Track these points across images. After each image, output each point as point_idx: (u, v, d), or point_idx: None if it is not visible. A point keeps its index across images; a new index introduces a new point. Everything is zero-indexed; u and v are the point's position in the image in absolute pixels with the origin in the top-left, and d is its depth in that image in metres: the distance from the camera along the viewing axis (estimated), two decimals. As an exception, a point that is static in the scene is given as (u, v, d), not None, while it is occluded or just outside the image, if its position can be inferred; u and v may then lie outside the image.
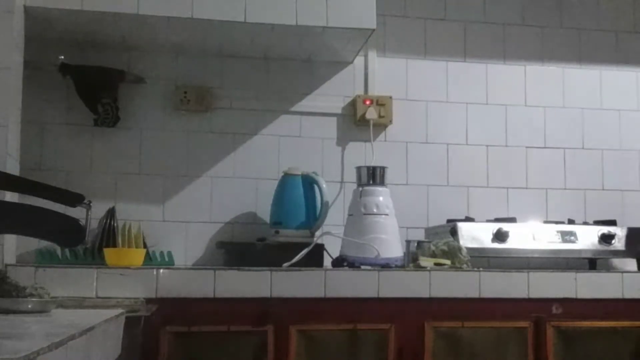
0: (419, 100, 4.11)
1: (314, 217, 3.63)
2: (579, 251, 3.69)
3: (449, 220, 3.78)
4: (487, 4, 4.26)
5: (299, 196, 3.63)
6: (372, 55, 4.07)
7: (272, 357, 2.97)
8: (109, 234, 3.60)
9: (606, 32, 4.38)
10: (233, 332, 2.93)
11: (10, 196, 2.74)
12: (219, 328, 2.94)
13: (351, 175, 3.72)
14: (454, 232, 3.56)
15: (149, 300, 2.87)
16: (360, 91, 4.05)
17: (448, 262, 3.31)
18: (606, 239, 3.67)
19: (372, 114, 3.95)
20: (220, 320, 2.93)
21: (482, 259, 3.64)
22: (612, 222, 3.83)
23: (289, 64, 4.00)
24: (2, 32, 3.10)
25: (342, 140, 4.02)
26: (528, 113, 4.26)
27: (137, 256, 3.36)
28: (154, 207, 3.81)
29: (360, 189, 3.58)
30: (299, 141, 3.97)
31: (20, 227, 2.40)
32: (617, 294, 3.26)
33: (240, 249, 3.65)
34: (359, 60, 4.05)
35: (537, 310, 3.19)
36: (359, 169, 3.64)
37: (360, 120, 3.99)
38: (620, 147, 4.32)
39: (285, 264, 3.19)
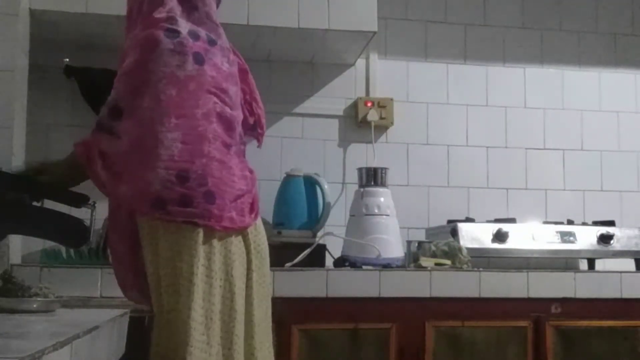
0: (419, 102, 4.12)
1: (315, 218, 3.64)
2: (578, 251, 3.69)
3: (449, 221, 3.80)
4: (487, 6, 4.28)
5: (301, 197, 3.64)
6: (374, 57, 4.09)
7: (275, 355, 2.99)
8: (113, 235, 3.62)
9: (605, 34, 4.40)
10: (235, 332, 2.95)
11: (16, 197, 2.77)
12: (221, 327, 2.96)
13: (353, 176, 3.75)
14: (454, 233, 3.57)
15: (152, 300, 2.89)
16: (361, 93, 4.07)
17: (448, 262, 3.33)
18: (605, 239, 3.67)
19: (373, 115, 3.97)
20: (222, 320, 2.95)
21: (482, 259, 3.65)
22: (611, 223, 3.84)
23: (292, 66, 4.02)
24: (8, 35, 3.12)
25: (344, 142, 4.03)
26: (527, 115, 4.27)
27: (141, 256, 3.38)
28: (157, 207, 3.83)
29: (362, 189, 3.59)
30: (301, 142, 3.98)
31: (26, 228, 2.42)
32: (615, 294, 3.28)
33: (242, 249, 3.67)
34: (360, 63, 4.07)
35: (536, 309, 3.21)
36: (360, 170, 3.66)
37: (362, 122, 4.00)
38: (619, 149, 4.34)
39: (288, 264, 3.21)
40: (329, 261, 3.54)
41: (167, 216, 2.13)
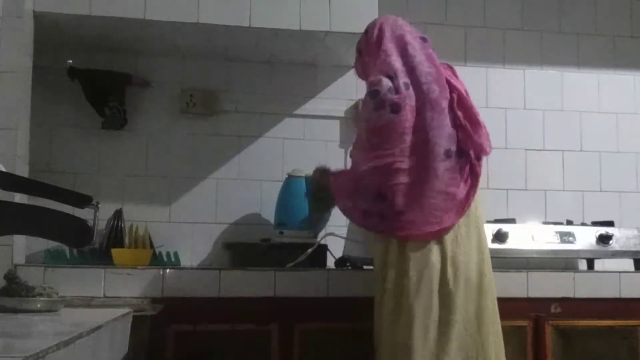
0: (420, 104, 4.14)
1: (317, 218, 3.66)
2: (577, 251, 3.69)
3: (450, 221, 3.79)
4: (487, 8, 4.30)
5: (302, 198, 3.65)
6: (375, 59, 4.09)
7: (276, 355, 3.01)
8: (116, 235, 3.64)
9: (604, 36, 4.41)
10: (238, 331, 2.96)
11: (20, 197, 2.77)
12: (224, 327, 2.97)
13: (354, 177, 3.76)
14: (454, 233, 3.57)
15: (155, 300, 2.91)
16: (362, 95, 4.04)
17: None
18: (604, 239, 3.67)
19: (374, 116, 3.98)
20: (225, 319, 2.97)
21: (482, 259, 3.67)
22: (610, 223, 3.84)
23: (293, 68, 4.04)
24: (12, 37, 3.14)
25: (345, 143, 4.04)
26: (527, 116, 4.29)
27: (144, 256, 3.40)
28: (160, 208, 3.85)
29: (363, 190, 3.63)
30: (302, 144, 4.00)
31: (30, 228, 2.43)
32: (614, 294, 3.29)
33: (245, 249, 3.68)
34: (361, 64, 4.08)
35: (536, 309, 3.22)
36: (361, 170, 3.68)
37: (363, 123, 4.02)
38: (618, 150, 4.35)
39: (289, 264, 3.23)
40: (330, 261, 3.55)
41: (370, 228, 2.81)
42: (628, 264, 3.78)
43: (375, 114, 2.74)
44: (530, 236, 3.64)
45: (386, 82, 2.76)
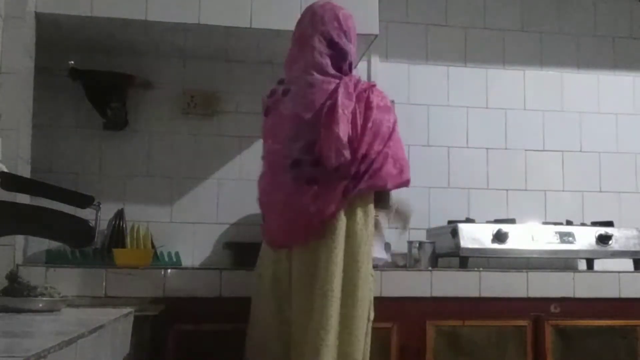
0: (420, 104, 4.14)
1: (317, 218, 3.64)
2: (577, 252, 3.71)
3: (449, 222, 3.81)
4: (487, 10, 4.31)
5: (303, 198, 3.65)
6: (375, 60, 4.10)
7: (276, 355, 3.02)
8: (117, 235, 3.64)
9: (603, 37, 4.43)
10: (239, 331, 2.95)
11: (22, 198, 2.78)
12: (225, 327, 2.98)
13: (354, 177, 3.76)
14: (454, 233, 3.58)
15: (156, 300, 2.92)
16: (359, 96, 4.08)
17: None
18: (603, 239, 3.69)
19: (374, 117, 3.99)
20: (226, 319, 2.97)
21: (482, 259, 3.68)
22: (609, 224, 3.85)
23: (294, 69, 4.04)
24: (14, 38, 3.13)
25: (345, 143, 4.04)
26: (527, 117, 4.30)
27: (145, 256, 3.41)
28: (161, 208, 3.86)
29: (363, 191, 3.63)
30: (303, 144, 3.99)
31: (31, 228, 2.44)
32: (614, 294, 3.31)
33: (246, 249, 3.68)
34: (362, 65, 4.04)
35: (536, 309, 3.24)
36: (361, 171, 3.68)
37: (364, 123, 4.02)
38: (617, 150, 4.37)
39: (289, 265, 3.24)
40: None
41: None
42: (627, 264, 3.79)
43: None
44: (530, 236, 3.66)
45: (273, 87, 2.95)
